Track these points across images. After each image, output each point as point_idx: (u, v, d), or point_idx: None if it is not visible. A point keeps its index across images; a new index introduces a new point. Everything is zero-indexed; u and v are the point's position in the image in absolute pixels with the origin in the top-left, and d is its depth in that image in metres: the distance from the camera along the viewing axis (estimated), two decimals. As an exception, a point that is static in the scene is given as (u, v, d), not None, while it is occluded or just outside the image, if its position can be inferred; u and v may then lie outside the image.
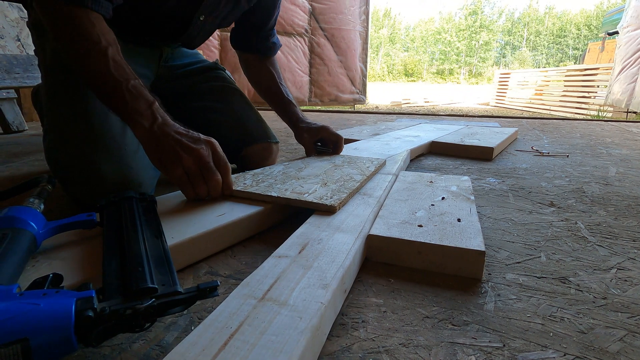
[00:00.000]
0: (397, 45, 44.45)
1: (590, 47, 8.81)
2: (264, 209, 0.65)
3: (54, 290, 0.32)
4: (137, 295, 0.34)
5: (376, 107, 6.33)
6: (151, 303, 0.33)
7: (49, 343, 0.29)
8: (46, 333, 0.29)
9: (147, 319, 0.33)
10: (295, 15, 3.97)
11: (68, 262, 0.46)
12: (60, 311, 0.30)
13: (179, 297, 0.34)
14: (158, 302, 0.34)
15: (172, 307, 0.34)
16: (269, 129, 1.04)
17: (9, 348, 0.28)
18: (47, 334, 0.29)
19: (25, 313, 0.29)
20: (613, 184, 1.01)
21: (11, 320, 0.29)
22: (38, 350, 0.29)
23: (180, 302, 0.35)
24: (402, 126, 1.83)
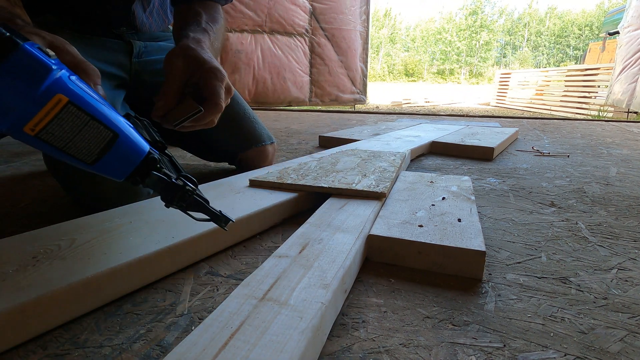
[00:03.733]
0: (398, 45, 44.43)
1: (591, 47, 8.80)
2: (297, 195, 0.73)
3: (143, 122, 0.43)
4: (185, 177, 0.42)
5: (377, 107, 6.33)
6: (194, 189, 0.41)
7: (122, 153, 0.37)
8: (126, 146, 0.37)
9: (180, 199, 0.40)
10: (295, 15, 3.97)
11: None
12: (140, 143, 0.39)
13: (206, 204, 0.42)
14: (196, 193, 0.41)
15: (196, 207, 0.41)
16: (264, 131, 1.03)
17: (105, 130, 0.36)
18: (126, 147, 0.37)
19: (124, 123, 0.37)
20: (614, 184, 1.01)
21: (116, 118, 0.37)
22: (114, 150, 0.36)
23: (205, 209, 0.42)
24: (402, 126, 1.83)
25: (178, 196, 0.40)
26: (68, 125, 0.34)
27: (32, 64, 0.32)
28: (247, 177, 0.81)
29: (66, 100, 0.33)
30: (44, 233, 0.53)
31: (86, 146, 0.35)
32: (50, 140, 0.34)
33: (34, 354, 0.37)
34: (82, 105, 0.34)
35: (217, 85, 0.61)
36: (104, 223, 0.57)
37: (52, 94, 0.33)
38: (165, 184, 0.40)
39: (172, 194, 0.40)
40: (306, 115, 2.93)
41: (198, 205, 0.41)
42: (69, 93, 0.34)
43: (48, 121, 0.33)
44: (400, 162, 0.93)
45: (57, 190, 0.90)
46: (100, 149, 0.36)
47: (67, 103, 0.33)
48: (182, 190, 0.40)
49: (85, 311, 0.43)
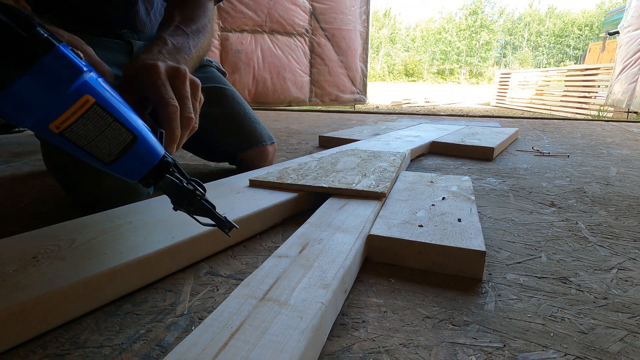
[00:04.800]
0: (398, 45, 44.41)
1: (591, 47, 8.80)
2: (297, 195, 0.73)
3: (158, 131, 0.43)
4: (194, 182, 0.42)
5: (377, 107, 6.33)
6: (203, 194, 0.42)
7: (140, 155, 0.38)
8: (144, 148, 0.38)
9: (189, 203, 0.41)
10: (295, 15, 3.97)
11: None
12: (157, 146, 0.40)
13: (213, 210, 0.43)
14: (204, 199, 0.42)
15: (203, 212, 0.43)
16: (264, 131, 1.03)
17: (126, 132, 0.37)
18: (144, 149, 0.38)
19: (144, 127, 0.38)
20: (614, 184, 1.01)
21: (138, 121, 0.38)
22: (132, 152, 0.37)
23: (212, 214, 0.43)
24: (402, 126, 1.83)
25: (187, 200, 0.41)
26: (92, 125, 0.35)
27: (65, 65, 0.33)
28: (247, 177, 0.81)
29: (93, 101, 0.34)
30: (44, 233, 0.53)
31: (107, 147, 0.36)
32: (73, 138, 0.35)
33: (34, 354, 0.37)
34: (107, 106, 0.36)
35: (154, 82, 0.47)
36: (104, 223, 0.57)
37: (81, 95, 0.34)
38: (177, 188, 0.41)
39: (182, 198, 0.41)
40: (306, 115, 2.93)
41: (205, 210, 0.43)
42: (96, 94, 0.35)
43: (74, 120, 0.34)
44: (400, 162, 0.94)
45: (57, 190, 0.90)
46: (119, 150, 0.37)
47: (93, 104, 0.35)
48: (192, 195, 0.41)
49: (85, 311, 0.43)
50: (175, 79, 0.49)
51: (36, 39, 0.32)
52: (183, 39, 0.64)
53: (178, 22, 0.68)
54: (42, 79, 0.32)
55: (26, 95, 0.32)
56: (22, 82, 0.31)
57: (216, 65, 1.08)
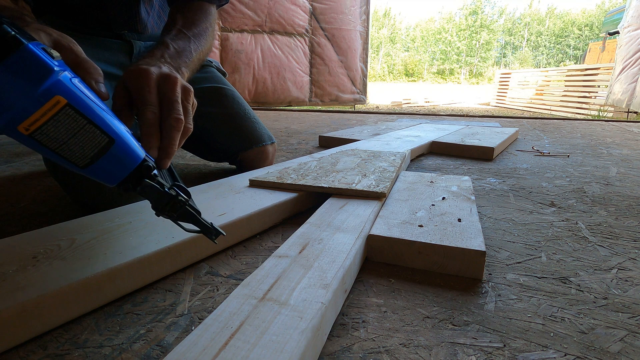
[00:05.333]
0: (398, 45, 44.41)
1: (591, 47, 8.80)
2: (297, 195, 0.73)
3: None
4: (178, 187, 0.41)
5: (377, 107, 6.33)
6: (186, 200, 0.40)
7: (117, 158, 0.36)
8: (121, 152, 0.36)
9: (171, 209, 0.40)
10: (295, 15, 3.97)
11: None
12: (136, 149, 0.38)
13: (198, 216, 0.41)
14: (188, 204, 0.40)
15: (187, 218, 0.41)
16: (264, 131, 1.03)
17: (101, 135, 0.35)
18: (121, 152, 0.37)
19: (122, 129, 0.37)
20: (614, 184, 1.01)
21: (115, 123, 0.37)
22: (109, 155, 0.36)
23: (197, 221, 0.41)
24: (402, 126, 1.83)
25: (169, 206, 0.40)
26: (64, 127, 0.34)
27: (34, 64, 0.32)
28: (247, 177, 0.81)
29: (64, 102, 0.33)
30: (44, 233, 0.53)
31: (80, 149, 0.35)
32: (43, 140, 0.34)
33: (34, 354, 0.37)
34: (80, 108, 0.34)
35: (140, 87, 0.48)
36: (104, 223, 0.57)
37: (51, 95, 0.33)
38: (157, 193, 0.39)
39: (163, 203, 0.39)
40: (306, 115, 2.93)
41: (189, 217, 0.41)
42: (68, 95, 0.34)
43: (44, 122, 0.33)
44: (400, 162, 0.94)
45: (57, 190, 0.90)
46: (94, 154, 0.35)
47: (65, 105, 0.33)
48: (174, 200, 0.40)
49: (85, 311, 0.43)
50: (165, 84, 0.50)
51: (2, 37, 0.31)
52: (185, 42, 0.66)
53: (180, 26, 0.71)
54: (8, 79, 0.31)
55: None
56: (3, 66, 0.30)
57: (216, 66, 1.08)
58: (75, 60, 0.43)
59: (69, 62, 0.43)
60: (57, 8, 0.83)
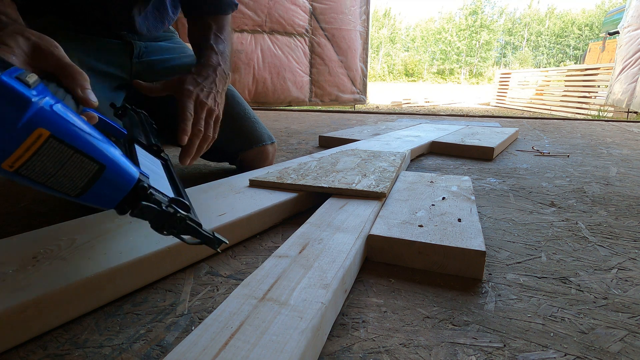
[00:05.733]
0: (398, 45, 44.41)
1: (591, 47, 8.80)
2: (297, 195, 0.73)
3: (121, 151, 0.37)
4: (176, 202, 0.39)
5: (377, 107, 6.33)
6: (185, 215, 0.38)
7: (110, 184, 0.35)
8: (114, 176, 0.35)
9: (174, 224, 0.38)
10: (295, 15, 3.97)
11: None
12: (130, 170, 0.36)
13: (199, 229, 0.40)
14: (188, 219, 0.39)
15: (190, 232, 0.39)
16: (264, 130, 1.03)
17: (91, 163, 0.33)
18: (114, 177, 0.35)
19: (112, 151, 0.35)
20: (614, 184, 1.01)
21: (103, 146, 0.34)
22: (101, 181, 0.34)
23: (198, 233, 0.40)
24: (402, 126, 1.83)
25: (168, 224, 0.38)
26: (50, 160, 0.31)
27: (9, 97, 0.29)
28: (247, 177, 0.81)
29: (47, 135, 0.31)
30: (44, 233, 0.53)
31: (70, 180, 0.33)
32: (31, 175, 0.32)
33: (34, 354, 0.37)
34: (65, 138, 0.32)
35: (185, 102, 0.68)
36: (104, 223, 0.57)
37: (32, 129, 0.30)
38: (155, 213, 0.37)
39: (162, 222, 0.38)
40: (306, 115, 2.93)
41: (190, 231, 0.39)
42: (50, 126, 0.31)
43: (28, 157, 0.31)
44: (400, 162, 0.93)
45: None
46: (85, 182, 0.33)
47: (48, 137, 0.31)
48: (172, 218, 0.38)
49: (85, 311, 0.43)
50: (198, 106, 0.70)
51: None
52: (223, 45, 0.86)
53: (216, 31, 0.87)
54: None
55: None
56: None
57: None
58: (58, 66, 0.42)
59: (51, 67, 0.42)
60: (56, 8, 0.83)
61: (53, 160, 0.31)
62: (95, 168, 0.33)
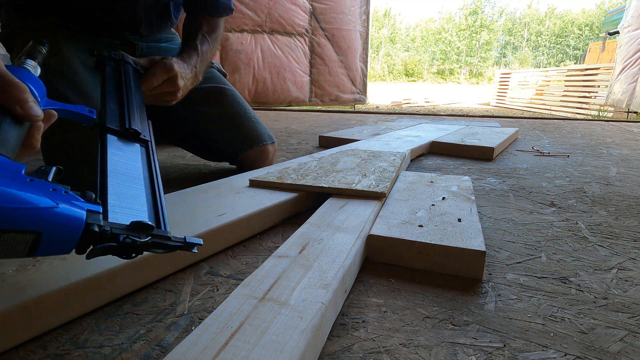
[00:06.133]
0: (398, 45, 44.41)
1: (591, 47, 8.80)
2: (297, 195, 0.73)
3: (62, 190, 0.33)
4: (136, 227, 0.35)
5: (377, 107, 6.33)
6: (147, 240, 0.35)
7: (55, 242, 0.31)
8: (56, 234, 0.31)
9: (138, 251, 0.35)
10: (295, 15, 3.97)
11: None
12: (73, 218, 0.32)
13: (168, 242, 0.36)
14: (152, 240, 0.35)
15: (159, 248, 0.36)
16: (264, 130, 1.03)
17: (24, 235, 0.30)
18: (57, 235, 0.31)
19: (45, 209, 0.31)
20: (614, 184, 1.01)
21: (32, 211, 0.30)
22: (43, 244, 0.31)
23: (167, 246, 0.37)
24: (402, 126, 1.83)
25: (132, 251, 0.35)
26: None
27: None
28: (247, 177, 0.81)
29: None
30: (44, 233, 0.53)
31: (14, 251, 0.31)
32: None
33: (34, 354, 0.37)
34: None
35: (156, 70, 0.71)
36: (104, 223, 0.57)
37: None
38: (114, 249, 0.34)
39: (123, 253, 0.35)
40: (306, 115, 2.93)
41: (159, 247, 0.37)
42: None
43: None
44: (400, 162, 0.93)
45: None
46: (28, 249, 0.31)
47: None
48: (133, 248, 0.35)
49: (85, 311, 0.43)
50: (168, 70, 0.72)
51: None
52: (207, 46, 0.88)
53: (205, 31, 0.90)
54: None
55: None
56: None
57: (217, 67, 1.08)
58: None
59: None
60: (57, 8, 0.83)
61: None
62: (31, 237, 0.30)
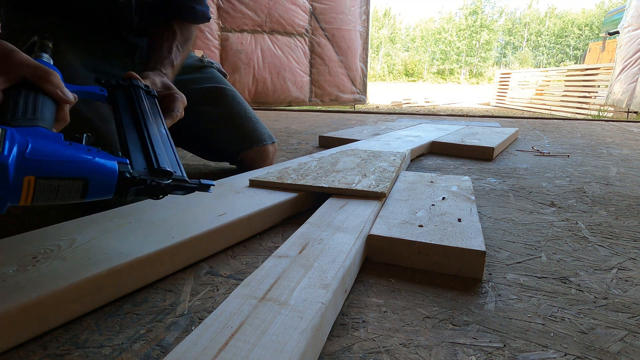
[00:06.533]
0: (398, 45, 44.39)
1: (591, 47, 8.80)
2: (297, 195, 0.73)
3: (95, 149, 0.40)
4: (158, 172, 0.44)
5: (377, 107, 6.33)
6: (169, 182, 0.44)
7: (99, 187, 0.39)
8: (99, 180, 0.39)
9: (164, 192, 0.44)
10: (295, 15, 3.97)
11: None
12: (109, 167, 0.39)
13: (185, 185, 0.46)
14: (173, 183, 0.45)
15: (179, 189, 0.46)
16: (264, 130, 1.03)
17: (75, 181, 0.37)
18: (99, 180, 0.39)
19: (86, 161, 0.38)
20: (614, 184, 1.01)
21: (78, 162, 0.38)
22: (91, 189, 0.38)
23: (186, 188, 0.46)
24: (402, 126, 1.83)
25: (159, 192, 0.44)
26: (48, 190, 0.36)
27: None
28: (247, 177, 0.81)
29: (34, 178, 0.35)
30: (44, 233, 0.53)
31: (69, 195, 0.38)
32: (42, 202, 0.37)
33: (34, 354, 0.37)
34: (48, 174, 0.36)
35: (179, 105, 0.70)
36: (104, 223, 0.57)
37: (20, 182, 0.35)
38: (144, 191, 0.43)
39: (153, 194, 0.44)
40: (306, 115, 2.93)
41: (179, 189, 0.46)
42: (33, 171, 0.35)
43: (32, 197, 0.36)
44: (400, 162, 0.93)
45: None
46: (80, 194, 0.38)
47: (36, 179, 0.35)
48: (158, 190, 0.44)
49: (85, 311, 0.43)
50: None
51: None
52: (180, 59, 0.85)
53: (179, 42, 0.85)
54: None
55: None
56: None
57: (217, 67, 1.08)
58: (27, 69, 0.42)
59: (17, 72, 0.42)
60: (57, 8, 0.83)
61: (50, 190, 0.37)
62: (81, 183, 0.38)
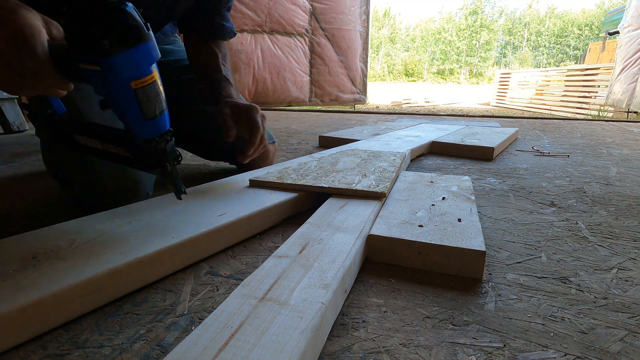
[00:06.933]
0: (398, 45, 44.38)
1: (591, 47, 8.80)
2: (297, 195, 0.73)
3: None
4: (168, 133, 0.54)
5: (377, 107, 6.33)
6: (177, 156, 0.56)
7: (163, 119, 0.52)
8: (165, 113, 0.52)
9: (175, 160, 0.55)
10: (295, 15, 3.97)
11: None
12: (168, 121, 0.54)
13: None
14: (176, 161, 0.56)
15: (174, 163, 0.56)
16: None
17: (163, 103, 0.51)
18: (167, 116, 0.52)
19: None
20: (614, 184, 1.01)
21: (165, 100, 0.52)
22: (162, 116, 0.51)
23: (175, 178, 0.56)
24: (402, 126, 1.83)
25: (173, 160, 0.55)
26: (150, 92, 0.48)
27: (150, 52, 0.47)
28: (247, 177, 0.81)
29: (156, 77, 0.49)
30: (44, 233, 0.53)
31: (152, 109, 0.49)
32: (138, 96, 0.47)
33: (34, 353, 0.37)
34: (160, 84, 0.49)
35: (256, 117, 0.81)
36: (104, 223, 0.57)
37: (152, 71, 0.48)
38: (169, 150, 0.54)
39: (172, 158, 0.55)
40: (306, 115, 2.93)
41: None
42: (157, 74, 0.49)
43: (144, 85, 0.47)
44: (400, 162, 0.93)
45: (57, 191, 0.90)
46: (157, 113, 0.50)
47: (155, 79, 0.48)
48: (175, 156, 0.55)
49: (85, 311, 0.43)
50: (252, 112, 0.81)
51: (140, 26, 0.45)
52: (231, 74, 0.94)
53: (222, 59, 0.94)
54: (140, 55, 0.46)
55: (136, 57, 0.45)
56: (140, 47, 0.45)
57: None
58: None
59: None
60: None
61: (151, 93, 0.48)
62: (165, 107, 0.51)
